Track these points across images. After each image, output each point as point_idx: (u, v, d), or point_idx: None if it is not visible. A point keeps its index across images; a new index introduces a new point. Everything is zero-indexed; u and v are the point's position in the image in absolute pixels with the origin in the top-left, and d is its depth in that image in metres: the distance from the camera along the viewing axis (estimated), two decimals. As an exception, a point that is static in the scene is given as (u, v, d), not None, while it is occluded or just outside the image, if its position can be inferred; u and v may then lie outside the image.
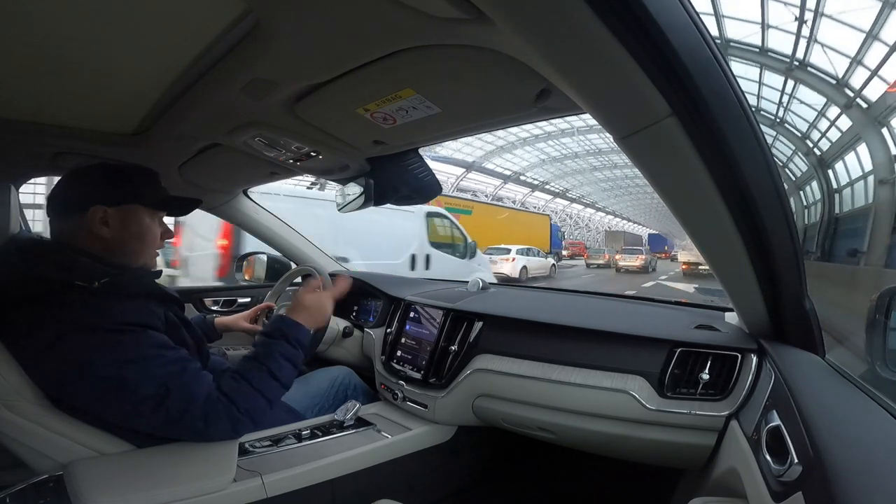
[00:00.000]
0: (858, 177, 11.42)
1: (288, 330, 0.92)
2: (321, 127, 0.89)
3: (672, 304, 1.33)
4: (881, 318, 0.66)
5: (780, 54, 11.53)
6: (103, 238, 0.83)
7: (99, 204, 0.83)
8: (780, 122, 13.90)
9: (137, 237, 0.87)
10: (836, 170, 12.65)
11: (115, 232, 0.84)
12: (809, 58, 11.08)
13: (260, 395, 0.83)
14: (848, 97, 10.76)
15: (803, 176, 14.84)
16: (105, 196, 0.84)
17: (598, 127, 0.56)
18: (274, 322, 0.96)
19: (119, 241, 0.85)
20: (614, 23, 0.40)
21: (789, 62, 11.35)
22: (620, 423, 0.92)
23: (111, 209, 0.84)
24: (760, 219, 0.59)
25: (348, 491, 0.96)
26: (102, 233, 0.83)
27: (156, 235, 0.91)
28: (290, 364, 0.89)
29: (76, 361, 0.73)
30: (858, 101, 10.51)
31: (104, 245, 0.84)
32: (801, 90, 12.11)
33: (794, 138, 13.85)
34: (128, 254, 0.86)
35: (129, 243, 0.86)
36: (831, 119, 11.87)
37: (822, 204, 13.32)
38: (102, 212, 0.83)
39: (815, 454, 0.44)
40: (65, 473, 0.76)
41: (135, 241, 0.87)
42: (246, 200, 1.58)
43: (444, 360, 1.16)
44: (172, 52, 0.67)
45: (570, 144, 25.21)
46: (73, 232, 0.83)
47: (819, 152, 13.19)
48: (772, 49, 11.53)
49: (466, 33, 0.54)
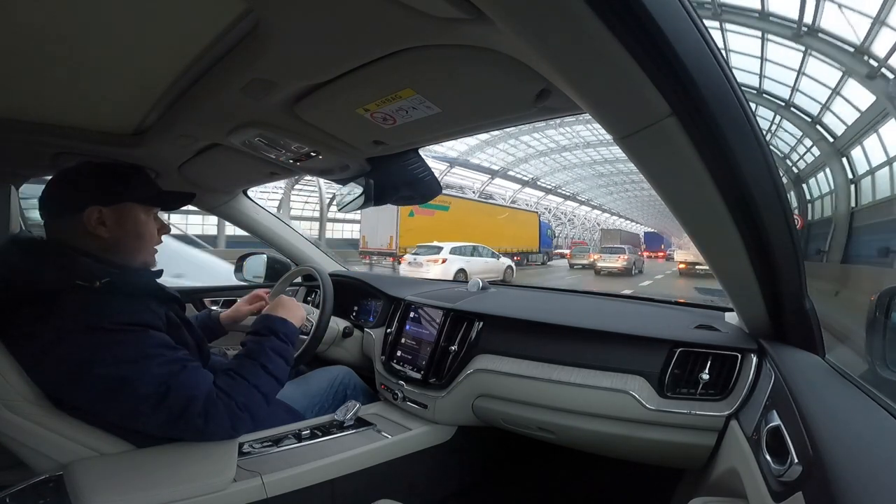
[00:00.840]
0: (882, 163, 10.38)
1: (275, 326, 0.95)
2: (321, 127, 0.89)
3: (672, 304, 1.33)
4: (881, 318, 0.66)
5: (785, 19, 9.71)
6: (101, 238, 0.84)
7: (94, 204, 0.83)
8: (786, 105, 12.41)
9: (135, 235, 0.88)
10: (852, 158, 11.58)
11: (112, 231, 0.84)
12: (820, 21, 9.23)
13: (256, 390, 0.84)
14: (871, 66, 9.21)
15: (810, 166, 13.66)
16: (100, 196, 0.84)
17: (586, 118, 0.56)
18: (261, 320, 0.98)
19: (117, 240, 0.85)
20: (614, 23, 0.40)
21: (796, 27, 9.56)
22: (620, 423, 0.92)
23: (106, 209, 0.84)
24: (760, 219, 0.59)
25: (348, 491, 0.96)
26: (100, 232, 0.83)
27: (153, 232, 0.92)
28: (282, 359, 0.91)
29: (77, 361, 0.73)
30: (884, 70, 8.94)
31: (103, 245, 0.84)
32: (811, 63, 10.35)
33: (804, 124, 12.42)
34: (127, 252, 0.87)
35: (128, 242, 0.87)
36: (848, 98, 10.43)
37: (834, 197, 12.21)
38: (98, 212, 0.83)
39: (815, 454, 0.44)
40: (65, 473, 0.76)
41: (133, 240, 0.87)
42: (246, 200, 1.58)
43: (444, 361, 1.16)
44: (172, 51, 0.67)
45: (556, 137, 23.90)
46: (70, 233, 0.83)
47: (832, 138, 11.79)
48: (774, 13, 9.75)
49: (466, 33, 0.54)
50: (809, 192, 13.43)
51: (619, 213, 48.86)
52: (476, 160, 24.71)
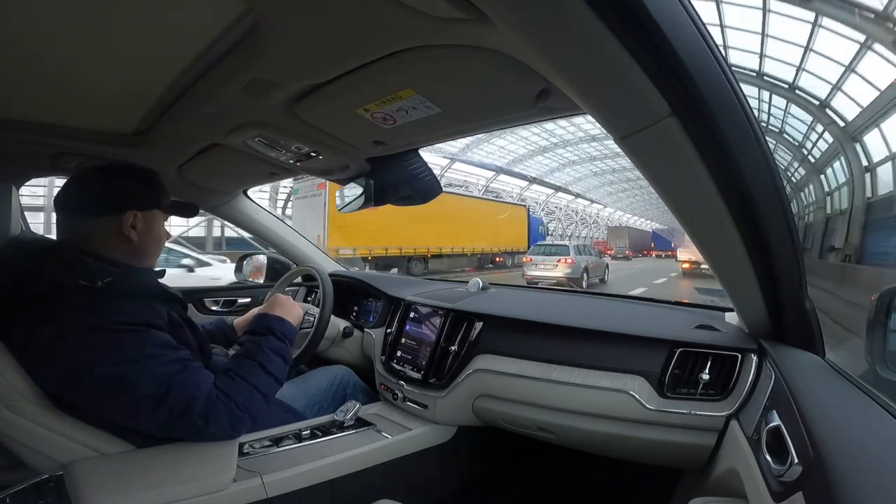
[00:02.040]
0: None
1: (272, 324, 0.95)
2: (321, 127, 0.89)
3: (672, 304, 1.33)
4: (881, 318, 0.66)
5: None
6: (131, 242, 0.86)
7: (133, 209, 0.86)
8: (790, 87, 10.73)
9: (156, 240, 0.92)
10: (865, 144, 10.09)
11: (141, 236, 0.87)
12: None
13: (255, 390, 0.85)
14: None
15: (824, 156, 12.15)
16: (141, 200, 0.88)
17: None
18: (257, 320, 0.99)
19: (142, 244, 0.88)
20: (614, 23, 0.40)
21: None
22: (620, 424, 0.92)
23: (140, 213, 0.87)
24: (760, 219, 0.59)
25: (348, 491, 0.96)
26: (131, 236, 0.86)
27: (164, 238, 0.95)
28: (281, 358, 0.92)
29: (78, 361, 0.74)
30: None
31: (129, 248, 0.86)
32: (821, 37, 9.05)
33: (814, 108, 10.98)
34: (148, 256, 0.91)
35: (150, 246, 0.91)
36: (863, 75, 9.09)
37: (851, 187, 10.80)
38: (134, 216, 0.86)
39: (815, 454, 0.44)
40: (65, 473, 0.76)
41: (154, 244, 0.92)
42: (246, 201, 1.58)
43: (445, 361, 1.16)
44: (172, 51, 0.67)
45: (557, 132, 22.38)
46: (99, 234, 0.84)
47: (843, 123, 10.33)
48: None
49: (466, 33, 0.54)
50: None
51: (629, 210, 45.75)
52: (477, 156, 23.71)
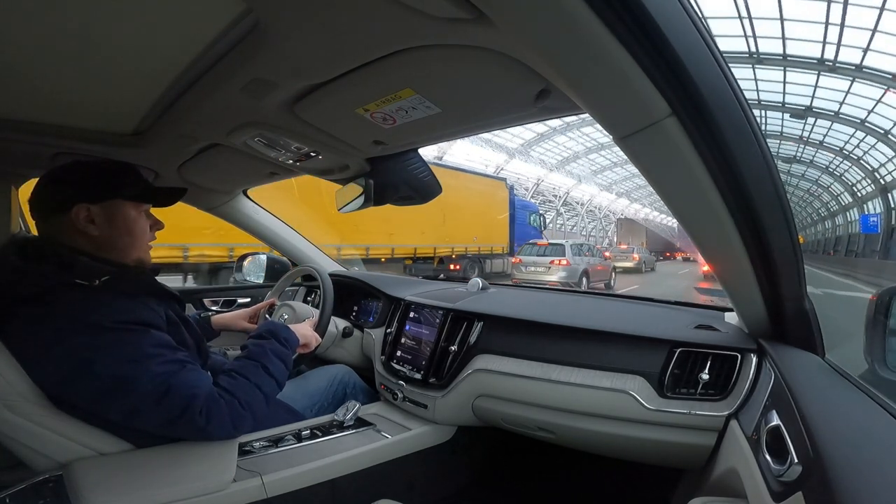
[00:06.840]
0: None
1: (277, 330, 0.97)
2: (321, 127, 0.89)
3: (672, 304, 1.33)
4: (881, 318, 0.66)
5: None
6: (92, 236, 0.83)
7: (82, 202, 0.82)
8: None
9: (126, 232, 0.87)
10: None
11: (102, 229, 0.84)
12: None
13: (258, 389, 0.85)
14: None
15: None
16: (87, 193, 0.83)
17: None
18: (265, 325, 1.00)
19: (108, 237, 0.85)
20: (614, 23, 0.40)
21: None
22: (620, 423, 0.92)
23: (94, 206, 0.83)
24: (760, 219, 0.59)
25: (348, 491, 0.96)
26: (90, 231, 0.83)
27: (144, 228, 0.91)
28: (282, 362, 0.92)
29: (77, 360, 0.73)
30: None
31: (94, 243, 0.83)
32: None
33: None
34: (120, 249, 0.86)
35: (119, 239, 0.86)
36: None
37: None
38: (86, 210, 0.82)
39: (815, 454, 0.44)
40: (65, 473, 0.76)
41: (124, 236, 0.87)
42: (246, 200, 1.58)
43: (444, 361, 1.16)
44: (172, 51, 0.67)
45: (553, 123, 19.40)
46: (61, 232, 0.82)
47: None
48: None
49: (466, 33, 0.54)
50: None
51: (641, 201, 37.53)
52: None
